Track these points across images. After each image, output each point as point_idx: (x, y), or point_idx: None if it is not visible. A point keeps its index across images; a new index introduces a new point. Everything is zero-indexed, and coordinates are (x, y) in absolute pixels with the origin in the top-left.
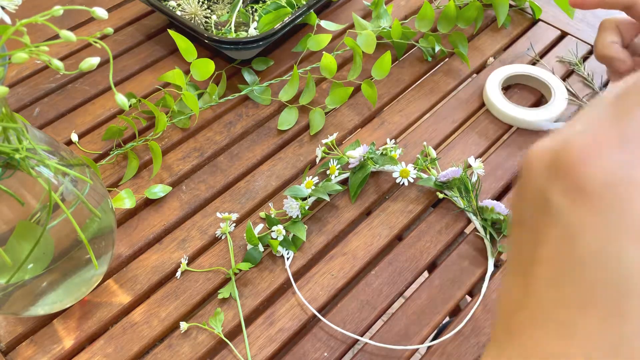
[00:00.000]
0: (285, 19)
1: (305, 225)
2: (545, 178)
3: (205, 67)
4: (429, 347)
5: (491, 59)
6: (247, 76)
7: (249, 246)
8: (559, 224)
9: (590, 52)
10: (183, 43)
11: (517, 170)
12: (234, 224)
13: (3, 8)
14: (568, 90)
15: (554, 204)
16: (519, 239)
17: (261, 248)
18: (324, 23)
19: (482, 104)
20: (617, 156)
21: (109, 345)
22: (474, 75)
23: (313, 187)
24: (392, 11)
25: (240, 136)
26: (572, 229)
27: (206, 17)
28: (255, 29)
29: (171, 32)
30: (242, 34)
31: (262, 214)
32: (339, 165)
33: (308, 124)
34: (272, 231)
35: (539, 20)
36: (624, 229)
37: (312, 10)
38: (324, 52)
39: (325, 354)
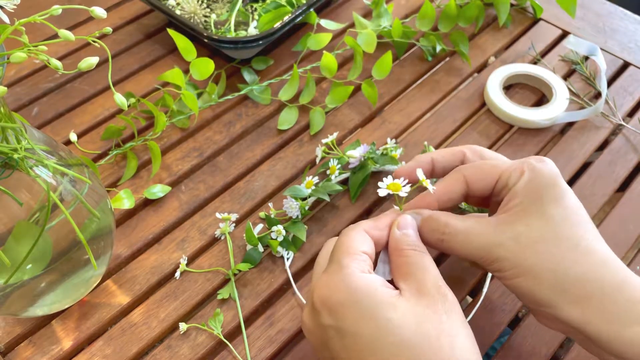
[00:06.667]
0: (285, 18)
1: (305, 226)
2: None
3: (204, 67)
4: None
5: (492, 58)
6: (247, 75)
7: (249, 246)
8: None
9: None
10: (182, 42)
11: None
12: (234, 224)
13: (2, 7)
14: (569, 89)
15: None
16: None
17: (261, 248)
18: (324, 22)
19: (483, 104)
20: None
21: (107, 346)
22: (475, 74)
23: (313, 187)
24: (393, 10)
25: (239, 136)
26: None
27: (205, 16)
28: (255, 28)
29: (170, 31)
30: (242, 33)
31: (261, 214)
32: (339, 165)
33: (308, 123)
34: (271, 231)
35: (540, 19)
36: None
37: (312, 9)
38: (324, 51)
39: None
